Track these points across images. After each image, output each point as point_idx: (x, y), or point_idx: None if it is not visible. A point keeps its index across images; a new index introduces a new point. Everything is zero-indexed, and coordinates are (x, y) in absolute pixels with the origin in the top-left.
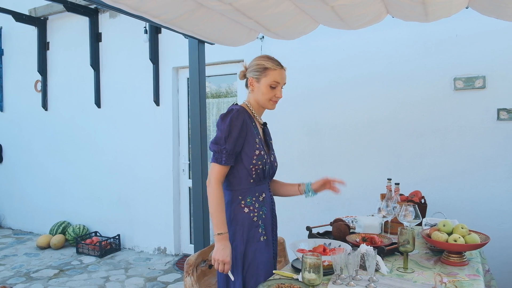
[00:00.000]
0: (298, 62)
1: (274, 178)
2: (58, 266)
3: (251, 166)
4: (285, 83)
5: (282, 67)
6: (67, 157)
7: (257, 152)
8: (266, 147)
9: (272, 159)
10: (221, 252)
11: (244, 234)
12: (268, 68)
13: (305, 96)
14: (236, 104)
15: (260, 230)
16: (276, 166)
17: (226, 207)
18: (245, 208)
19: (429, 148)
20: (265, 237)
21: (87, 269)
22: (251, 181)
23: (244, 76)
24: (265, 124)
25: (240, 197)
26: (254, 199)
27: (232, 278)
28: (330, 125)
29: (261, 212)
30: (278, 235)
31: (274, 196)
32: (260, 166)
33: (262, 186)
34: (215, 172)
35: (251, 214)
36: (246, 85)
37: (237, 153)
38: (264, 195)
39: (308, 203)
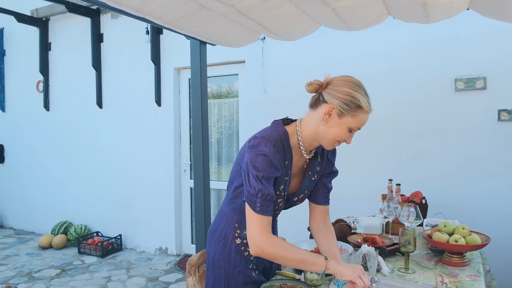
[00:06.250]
0: (299, 63)
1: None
2: (60, 266)
3: None
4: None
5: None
6: (68, 157)
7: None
8: (295, 183)
9: (295, 200)
10: (349, 271)
11: (232, 260)
12: (361, 108)
13: (306, 97)
14: (282, 121)
15: (251, 266)
16: (299, 203)
17: (219, 221)
18: (238, 238)
19: (430, 149)
20: (256, 272)
21: (89, 269)
22: None
23: (317, 91)
24: (315, 155)
25: (236, 225)
26: None
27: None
28: None
29: None
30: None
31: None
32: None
33: None
34: (254, 225)
35: (242, 248)
36: (313, 105)
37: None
38: None
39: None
